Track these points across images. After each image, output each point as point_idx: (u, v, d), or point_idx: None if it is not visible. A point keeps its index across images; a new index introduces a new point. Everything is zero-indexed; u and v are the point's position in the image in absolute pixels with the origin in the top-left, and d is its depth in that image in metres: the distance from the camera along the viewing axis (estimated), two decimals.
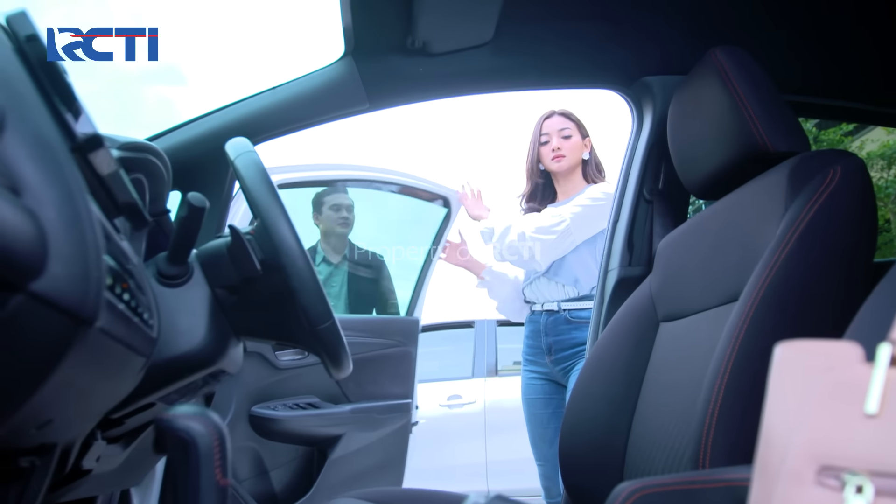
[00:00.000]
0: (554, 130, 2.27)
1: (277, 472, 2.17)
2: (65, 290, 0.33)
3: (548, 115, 2.32)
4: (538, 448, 2.29)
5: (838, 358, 0.39)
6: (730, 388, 0.86)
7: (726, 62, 1.16)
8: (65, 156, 0.36)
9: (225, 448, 0.47)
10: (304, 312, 0.77)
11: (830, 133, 8.85)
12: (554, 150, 2.26)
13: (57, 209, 0.33)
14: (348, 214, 2.70)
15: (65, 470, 0.56)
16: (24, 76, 0.39)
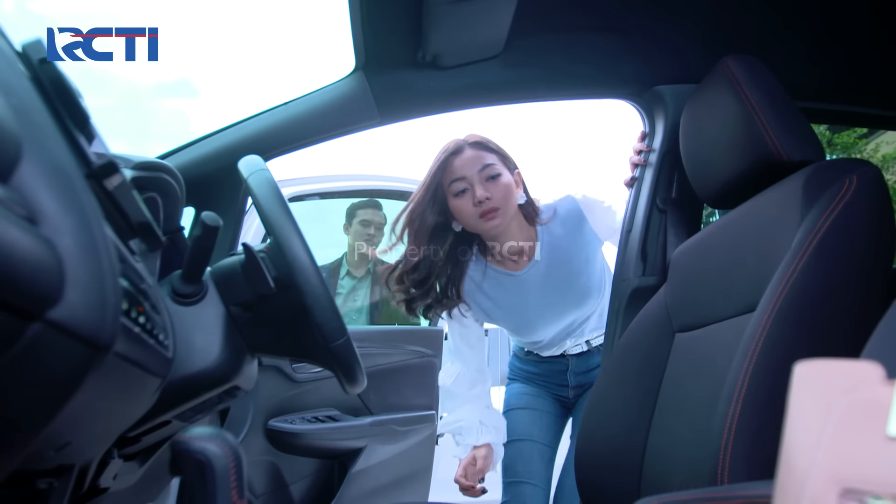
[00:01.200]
0: (472, 172, 1.54)
1: (297, 486, 2.16)
2: (82, 317, 0.33)
3: (453, 150, 1.57)
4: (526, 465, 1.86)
5: (859, 378, 0.38)
6: (747, 401, 0.85)
7: (738, 71, 1.15)
8: (80, 183, 0.37)
9: (241, 469, 0.47)
10: (319, 329, 0.78)
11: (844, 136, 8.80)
12: (480, 203, 1.53)
13: (74, 237, 0.33)
14: (375, 233, 2.72)
15: (82, 489, 0.56)
16: (40, 105, 0.39)
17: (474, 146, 1.58)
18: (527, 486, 1.77)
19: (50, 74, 0.45)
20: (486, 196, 1.52)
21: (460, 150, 1.57)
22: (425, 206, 1.57)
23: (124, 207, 0.51)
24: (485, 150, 1.58)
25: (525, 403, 1.94)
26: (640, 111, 1.75)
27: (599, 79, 1.67)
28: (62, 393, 0.34)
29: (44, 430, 0.35)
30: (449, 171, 1.56)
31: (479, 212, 1.53)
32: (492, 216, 1.54)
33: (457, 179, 1.54)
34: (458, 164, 1.55)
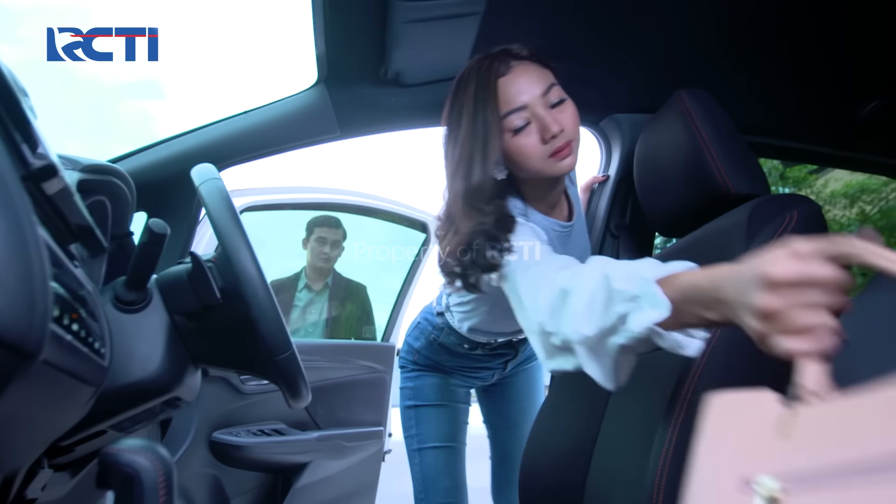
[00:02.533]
0: (534, 98, 1.14)
1: (239, 500, 2.12)
2: (7, 322, 0.32)
3: (500, 69, 1.15)
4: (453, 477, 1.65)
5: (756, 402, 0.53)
6: (685, 425, 0.86)
7: (691, 104, 1.19)
8: (14, 183, 0.36)
9: (171, 483, 0.46)
10: (264, 342, 0.77)
11: (796, 170, 9.08)
12: (554, 137, 1.13)
13: (2, 240, 0.33)
14: (330, 252, 2.71)
15: (7, 499, 0.54)
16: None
17: (525, 58, 1.17)
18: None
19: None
20: (559, 129, 1.13)
21: (509, 67, 1.15)
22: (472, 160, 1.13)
23: (63, 211, 0.50)
24: (541, 63, 1.19)
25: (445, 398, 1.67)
26: (598, 137, 1.78)
27: None
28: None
29: None
30: (501, 101, 1.13)
31: (549, 150, 1.14)
32: (566, 153, 1.15)
33: (515, 110, 1.13)
34: (513, 90, 1.13)
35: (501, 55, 1.16)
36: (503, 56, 1.16)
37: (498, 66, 1.14)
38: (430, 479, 1.60)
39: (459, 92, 1.18)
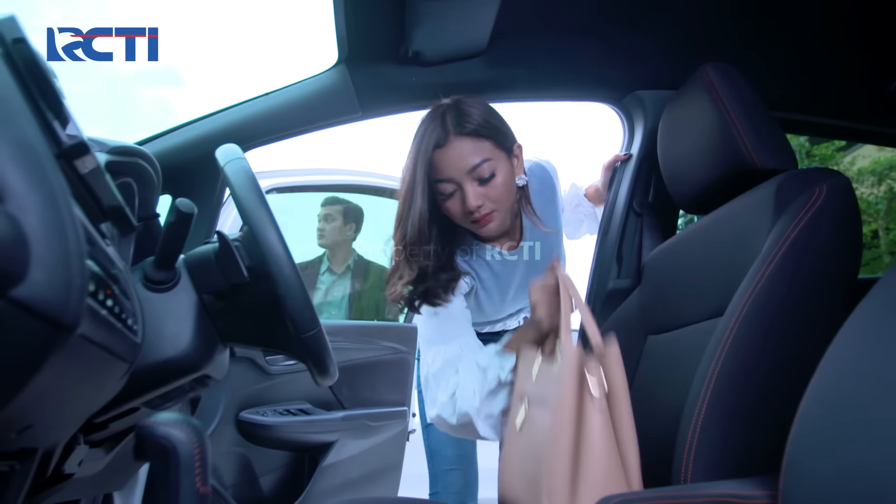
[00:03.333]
0: (460, 171, 1.26)
1: (267, 478, 2.15)
2: (46, 296, 0.33)
3: (436, 141, 1.26)
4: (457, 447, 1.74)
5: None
6: (712, 404, 0.86)
7: (716, 79, 1.17)
8: (49, 161, 0.36)
9: (206, 455, 0.47)
10: (291, 320, 0.77)
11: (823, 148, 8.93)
12: (472, 212, 1.28)
13: (39, 215, 0.33)
14: (323, 226, 2.73)
15: (46, 474, 0.56)
16: (9, 81, 0.39)
17: (464, 134, 1.25)
18: (457, 472, 1.67)
19: (24, 54, 0.45)
20: (477, 205, 1.27)
21: (444, 141, 1.25)
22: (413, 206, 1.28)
23: (96, 190, 0.50)
24: (475, 137, 1.26)
25: None
26: (621, 115, 1.76)
27: (581, 82, 1.68)
28: (24, 373, 0.34)
29: (4, 410, 0.35)
30: (433, 169, 1.27)
31: (470, 218, 1.30)
32: (486, 221, 1.30)
33: (443, 181, 1.27)
34: (443, 163, 1.26)
35: (444, 125, 1.27)
36: (444, 128, 1.26)
37: (438, 136, 1.26)
38: (435, 449, 1.71)
39: (412, 145, 1.31)
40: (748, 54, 1.55)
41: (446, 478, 1.63)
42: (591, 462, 0.91)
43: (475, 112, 1.29)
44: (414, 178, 1.27)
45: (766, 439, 0.84)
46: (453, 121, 1.27)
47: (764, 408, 0.86)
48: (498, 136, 1.30)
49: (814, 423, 0.66)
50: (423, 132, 1.28)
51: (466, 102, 1.31)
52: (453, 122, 1.26)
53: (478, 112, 1.29)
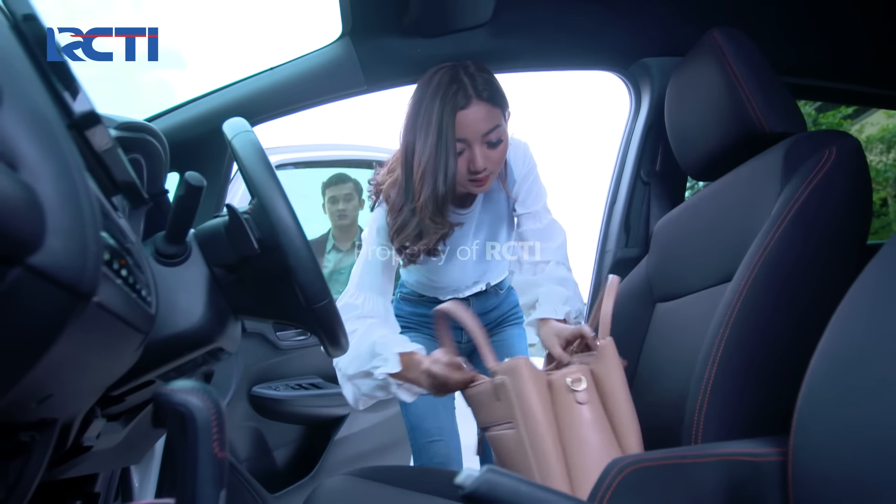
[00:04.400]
0: (475, 134, 1.32)
1: (281, 452, 2.18)
2: (62, 263, 0.33)
3: (462, 105, 1.30)
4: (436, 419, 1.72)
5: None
6: (722, 366, 0.87)
7: (724, 43, 1.16)
8: (62, 131, 0.36)
9: (222, 422, 0.47)
10: (302, 291, 0.78)
11: (830, 116, 8.83)
12: (475, 173, 1.36)
13: (54, 183, 0.33)
14: (344, 206, 2.71)
15: (65, 446, 0.56)
16: (20, 53, 0.39)
17: (483, 99, 1.30)
18: (439, 443, 1.67)
19: (34, 31, 0.45)
20: (484, 167, 1.34)
21: (467, 104, 1.30)
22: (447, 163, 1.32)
23: (107, 162, 0.50)
24: (493, 103, 1.32)
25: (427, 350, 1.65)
26: (627, 83, 1.75)
27: (587, 50, 1.67)
28: (43, 340, 0.34)
29: (25, 377, 0.35)
30: (455, 125, 1.31)
31: (470, 176, 1.36)
32: (483, 181, 1.37)
33: (459, 140, 1.32)
34: (463, 123, 1.30)
35: (465, 88, 1.30)
36: (466, 91, 1.30)
37: (461, 98, 1.30)
38: (414, 424, 1.69)
39: (427, 101, 1.33)
40: (756, 18, 1.53)
41: (428, 450, 1.65)
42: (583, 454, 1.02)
43: (490, 79, 1.34)
44: (441, 137, 1.31)
45: (776, 399, 0.84)
46: (472, 85, 1.31)
47: (773, 368, 0.86)
48: (504, 104, 1.36)
49: (824, 380, 0.66)
50: (444, 92, 1.31)
51: (478, 67, 1.35)
52: (473, 86, 1.31)
53: (491, 79, 1.35)
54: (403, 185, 1.40)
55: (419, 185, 1.35)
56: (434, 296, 1.76)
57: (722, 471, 0.71)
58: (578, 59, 1.70)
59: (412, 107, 1.37)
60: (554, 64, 1.70)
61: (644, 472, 0.71)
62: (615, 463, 0.73)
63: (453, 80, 1.31)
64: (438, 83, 1.32)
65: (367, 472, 1.21)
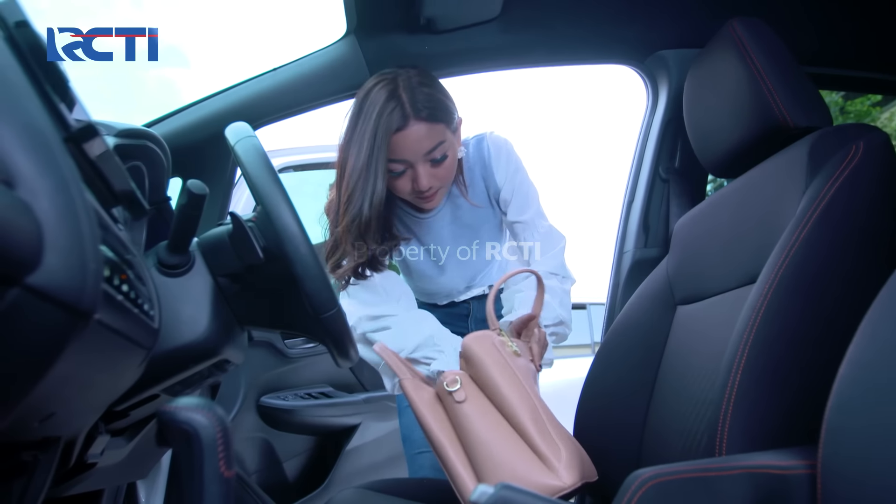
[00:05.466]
0: (416, 154, 1.30)
1: (290, 463, 2.19)
2: (62, 282, 0.33)
3: (397, 124, 1.26)
4: None
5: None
6: (747, 372, 0.86)
7: (744, 34, 1.15)
8: (58, 146, 0.37)
9: (228, 439, 0.47)
10: (309, 300, 0.78)
11: (857, 103, 8.76)
12: (421, 192, 1.35)
13: (51, 200, 0.33)
14: None
15: (69, 463, 0.57)
16: (13, 64, 0.39)
17: (422, 118, 1.27)
18: (427, 455, 1.64)
19: (27, 38, 0.45)
20: (430, 185, 1.33)
21: (404, 124, 1.26)
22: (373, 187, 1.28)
23: (106, 174, 0.51)
24: (434, 120, 1.29)
25: None
26: (643, 77, 1.74)
27: (601, 43, 1.66)
28: (44, 360, 0.35)
29: (27, 398, 0.35)
30: (391, 148, 1.28)
31: (416, 194, 1.36)
32: (430, 197, 1.37)
33: (395, 161, 1.30)
34: (401, 144, 1.28)
35: (403, 106, 1.26)
36: (403, 111, 1.26)
37: (397, 119, 1.26)
38: (406, 435, 1.70)
39: (362, 119, 1.28)
40: (777, 7, 1.51)
41: (417, 461, 1.66)
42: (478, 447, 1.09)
43: (431, 93, 1.30)
44: (372, 156, 1.27)
45: (804, 408, 0.83)
46: (411, 103, 1.27)
47: (801, 374, 0.86)
48: (448, 117, 1.33)
49: (854, 387, 0.65)
50: (379, 111, 1.26)
51: (420, 80, 1.31)
52: (411, 104, 1.27)
53: (433, 93, 1.31)
54: (335, 205, 1.36)
55: (343, 209, 1.31)
56: (431, 301, 1.75)
57: (748, 484, 0.70)
58: (592, 52, 1.69)
59: (348, 123, 1.33)
60: (567, 58, 1.69)
61: (666, 486, 0.71)
62: (635, 476, 0.72)
63: (391, 96, 1.27)
64: (374, 100, 1.28)
65: (381, 485, 1.22)
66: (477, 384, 1.17)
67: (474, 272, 1.66)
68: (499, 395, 1.13)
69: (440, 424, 1.15)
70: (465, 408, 1.13)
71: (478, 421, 1.11)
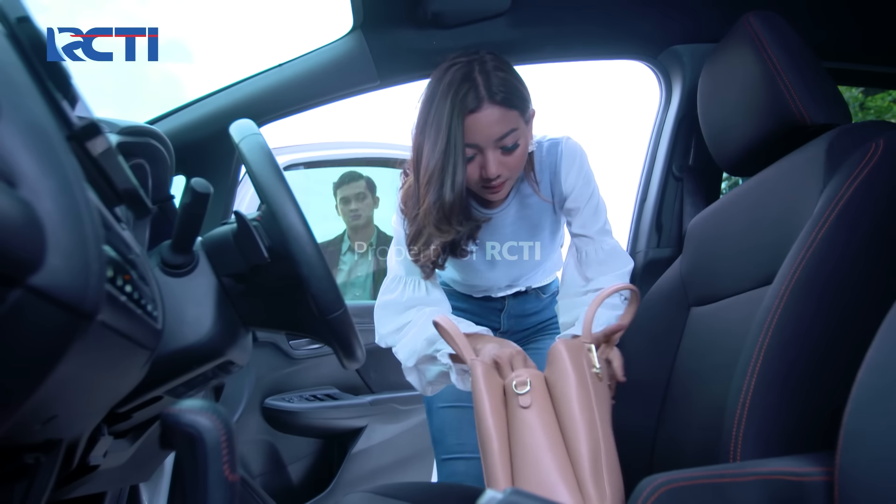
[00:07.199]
0: (487, 139, 1.28)
1: (295, 466, 2.19)
2: (64, 283, 0.33)
3: (472, 105, 1.26)
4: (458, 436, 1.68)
5: None
6: (762, 375, 0.86)
7: (760, 28, 1.14)
8: (61, 144, 0.37)
9: (233, 442, 0.48)
10: (315, 301, 0.78)
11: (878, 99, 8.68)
12: (488, 181, 1.33)
13: (54, 200, 0.34)
14: (357, 206, 2.72)
15: (71, 466, 0.57)
16: (16, 62, 0.40)
17: (497, 102, 1.26)
18: (459, 461, 1.63)
19: (28, 33, 0.45)
20: (499, 173, 1.31)
21: (477, 106, 1.26)
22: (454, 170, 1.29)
23: (109, 173, 0.51)
24: (509, 105, 1.27)
25: None
26: (657, 73, 1.74)
27: (613, 38, 1.66)
28: (46, 361, 0.35)
29: (29, 400, 0.36)
30: (463, 130, 1.28)
31: (484, 183, 1.34)
32: (497, 189, 1.35)
33: (470, 145, 1.29)
34: (473, 127, 1.27)
35: (477, 88, 1.26)
36: (477, 92, 1.26)
37: (472, 100, 1.25)
38: (436, 438, 1.69)
39: (437, 101, 1.29)
40: (794, 0, 1.51)
41: (447, 467, 1.65)
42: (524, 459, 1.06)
43: (507, 78, 1.29)
44: (450, 142, 1.27)
45: (821, 413, 0.83)
46: (486, 85, 1.26)
47: (818, 379, 0.85)
48: (523, 105, 1.31)
49: (872, 393, 0.65)
50: (453, 93, 1.26)
51: (495, 64, 1.29)
52: (486, 87, 1.26)
53: (508, 78, 1.29)
54: (414, 190, 1.39)
55: (424, 192, 1.32)
56: (467, 293, 1.75)
57: (763, 491, 0.70)
58: (604, 48, 1.69)
59: (423, 105, 1.33)
60: (578, 54, 1.69)
61: (679, 493, 0.71)
62: (648, 482, 0.72)
63: (465, 78, 1.27)
64: (450, 81, 1.28)
65: (388, 490, 1.22)
66: (550, 390, 1.13)
67: (522, 272, 1.65)
68: (568, 415, 1.08)
69: (497, 420, 1.10)
70: (527, 415, 1.09)
71: (536, 433, 1.07)
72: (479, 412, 1.11)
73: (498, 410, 1.11)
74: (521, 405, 1.09)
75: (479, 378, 1.13)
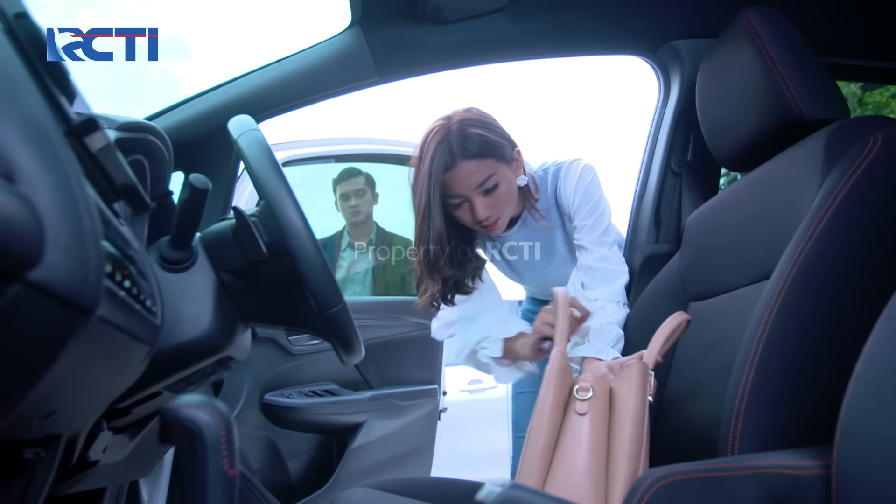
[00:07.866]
0: (468, 189, 1.42)
1: (294, 462, 2.19)
2: (63, 278, 0.33)
3: (448, 166, 1.40)
4: None
5: None
6: (760, 370, 0.86)
7: (759, 24, 1.14)
8: (59, 140, 0.37)
9: (232, 437, 0.48)
10: (314, 296, 0.78)
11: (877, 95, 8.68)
12: (481, 220, 1.46)
13: (52, 195, 0.34)
14: (357, 202, 2.72)
15: (71, 461, 0.57)
16: (14, 57, 0.39)
17: (469, 157, 1.40)
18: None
19: (26, 29, 0.45)
20: (486, 214, 1.44)
21: (452, 165, 1.40)
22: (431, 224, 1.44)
23: (107, 168, 0.51)
24: (482, 156, 1.41)
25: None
26: (655, 68, 1.73)
27: (611, 33, 1.66)
28: (45, 357, 0.35)
29: (28, 396, 0.36)
30: (445, 186, 1.43)
31: (479, 224, 1.47)
32: (492, 224, 1.48)
33: (452, 196, 1.44)
34: (453, 181, 1.42)
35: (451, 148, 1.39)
36: (452, 152, 1.39)
37: (446, 160, 1.40)
38: (515, 421, 1.88)
39: (420, 162, 1.43)
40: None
41: (517, 444, 1.84)
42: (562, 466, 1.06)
43: (477, 134, 1.41)
44: (429, 199, 1.42)
45: (818, 407, 0.83)
46: (458, 145, 1.39)
47: (815, 373, 0.85)
48: (498, 152, 1.44)
49: (870, 387, 0.65)
50: (431, 155, 1.40)
51: (468, 123, 1.42)
52: (458, 146, 1.39)
53: (479, 134, 1.42)
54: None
55: (416, 243, 1.51)
56: (534, 296, 2.01)
57: (761, 485, 0.70)
58: (603, 43, 1.68)
59: (414, 164, 1.47)
60: (577, 49, 1.68)
61: (677, 486, 0.71)
62: (647, 476, 0.72)
63: (441, 141, 1.40)
64: (428, 145, 1.42)
65: (388, 485, 1.22)
66: (612, 401, 1.11)
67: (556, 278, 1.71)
68: (621, 432, 1.06)
69: (553, 417, 1.10)
70: (581, 421, 1.09)
71: (584, 442, 1.06)
72: (540, 404, 1.13)
73: (557, 407, 1.12)
74: (578, 412, 1.10)
75: (553, 371, 1.14)
